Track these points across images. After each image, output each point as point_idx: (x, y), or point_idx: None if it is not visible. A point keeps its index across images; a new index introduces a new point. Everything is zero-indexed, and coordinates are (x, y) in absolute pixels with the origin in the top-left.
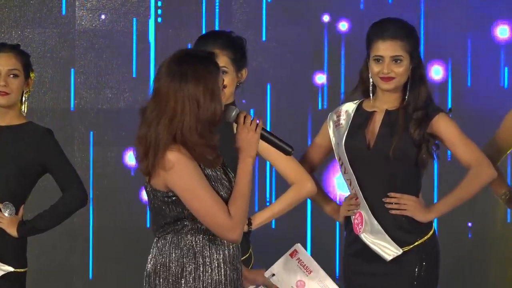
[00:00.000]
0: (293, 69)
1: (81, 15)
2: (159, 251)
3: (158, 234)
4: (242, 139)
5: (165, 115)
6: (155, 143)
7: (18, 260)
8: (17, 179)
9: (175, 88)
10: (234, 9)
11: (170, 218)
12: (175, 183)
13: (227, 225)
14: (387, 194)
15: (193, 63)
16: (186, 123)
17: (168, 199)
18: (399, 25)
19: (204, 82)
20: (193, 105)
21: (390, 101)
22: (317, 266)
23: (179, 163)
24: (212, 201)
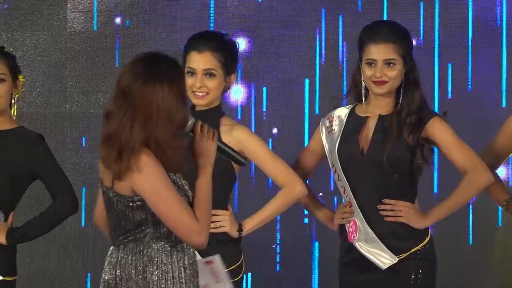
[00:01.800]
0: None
1: (73, 18)
2: (120, 262)
3: (118, 242)
4: (201, 148)
5: (140, 116)
6: (129, 145)
7: (7, 268)
8: (6, 185)
9: (150, 89)
10: (230, 11)
11: (133, 224)
12: (143, 186)
13: (194, 228)
14: (382, 201)
15: (165, 65)
16: (161, 125)
17: (133, 204)
18: (391, 28)
19: (177, 85)
20: (167, 107)
21: (383, 106)
22: (226, 279)
23: (148, 165)
24: (179, 204)
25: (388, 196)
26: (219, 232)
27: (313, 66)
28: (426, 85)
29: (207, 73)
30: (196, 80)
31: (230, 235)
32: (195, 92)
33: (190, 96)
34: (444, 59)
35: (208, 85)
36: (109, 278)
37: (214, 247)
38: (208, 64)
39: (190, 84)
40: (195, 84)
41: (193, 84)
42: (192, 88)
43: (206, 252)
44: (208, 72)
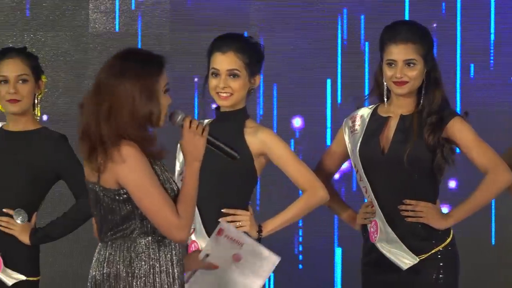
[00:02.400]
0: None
1: (95, 18)
2: (108, 258)
3: (106, 238)
4: (188, 143)
5: (105, 110)
6: (101, 139)
7: (31, 268)
8: (30, 186)
9: (113, 83)
10: (251, 11)
11: (120, 218)
12: (127, 178)
13: (175, 224)
14: (403, 201)
15: (134, 61)
16: (121, 118)
17: (119, 197)
18: (411, 28)
19: (142, 81)
20: (129, 102)
21: (405, 106)
22: (247, 238)
23: (132, 157)
24: (162, 198)
25: (409, 196)
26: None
27: (335, 67)
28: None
29: (231, 73)
30: (220, 81)
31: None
32: (219, 93)
33: (214, 97)
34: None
35: (232, 86)
36: (96, 275)
37: None
38: (231, 64)
39: (214, 85)
40: (219, 85)
41: (217, 85)
42: (216, 89)
43: None
44: (231, 73)
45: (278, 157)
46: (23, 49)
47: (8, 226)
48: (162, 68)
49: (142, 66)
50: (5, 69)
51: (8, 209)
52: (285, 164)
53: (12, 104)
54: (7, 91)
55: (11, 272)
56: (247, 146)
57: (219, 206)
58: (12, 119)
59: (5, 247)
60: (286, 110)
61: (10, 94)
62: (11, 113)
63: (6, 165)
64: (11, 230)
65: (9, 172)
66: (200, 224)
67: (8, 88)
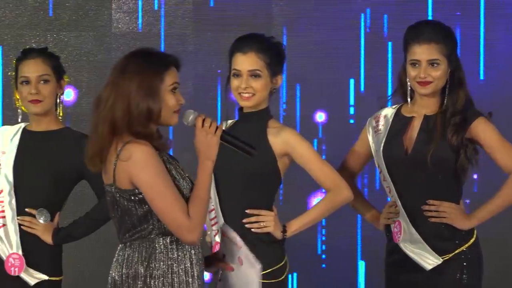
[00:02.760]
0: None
1: (118, 18)
2: (127, 259)
3: (125, 240)
4: (201, 142)
5: (105, 106)
6: (99, 135)
7: (53, 268)
8: (53, 186)
9: (115, 82)
10: (274, 11)
11: (137, 219)
12: (139, 177)
13: (185, 225)
14: (426, 201)
15: (137, 58)
16: (116, 114)
17: (135, 198)
18: (435, 28)
19: (140, 78)
20: (124, 98)
21: (429, 106)
22: (241, 242)
23: (144, 156)
24: (174, 199)
25: (432, 197)
26: (262, 232)
27: (358, 67)
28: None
29: (252, 74)
30: (242, 81)
31: (273, 236)
32: (241, 94)
33: (236, 97)
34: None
35: (254, 86)
36: (115, 275)
37: (256, 247)
38: (253, 65)
39: (236, 85)
40: (241, 85)
41: (238, 85)
42: (238, 90)
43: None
44: (253, 73)
45: (301, 157)
46: (44, 49)
47: (30, 226)
48: (169, 66)
49: (143, 62)
50: (26, 69)
51: (31, 208)
52: (309, 164)
53: (34, 104)
54: (29, 92)
55: (33, 272)
56: (270, 146)
57: (243, 207)
58: (35, 119)
59: (28, 246)
60: (309, 110)
61: (32, 95)
62: (34, 114)
63: (29, 165)
64: (34, 229)
65: (32, 172)
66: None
67: (29, 88)
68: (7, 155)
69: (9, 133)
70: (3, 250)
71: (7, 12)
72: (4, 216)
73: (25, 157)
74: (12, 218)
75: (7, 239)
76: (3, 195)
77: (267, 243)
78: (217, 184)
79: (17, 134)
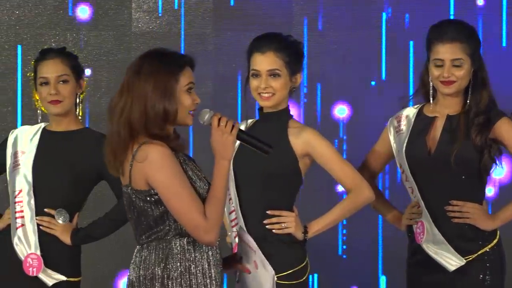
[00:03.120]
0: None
1: (138, 17)
2: (143, 261)
3: (142, 241)
4: (216, 141)
5: (120, 109)
6: (118, 137)
7: (72, 268)
8: (72, 186)
9: (128, 82)
10: (295, 10)
11: (153, 220)
12: (155, 177)
13: (202, 226)
14: (449, 202)
15: (152, 58)
16: (133, 116)
17: (151, 199)
18: (458, 27)
19: (156, 78)
20: (141, 99)
21: (451, 106)
22: (255, 246)
23: (160, 156)
24: (191, 200)
25: (455, 197)
26: (283, 233)
27: (380, 66)
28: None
29: (272, 73)
30: (261, 81)
31: (294, 237)
32: (261, 94)
33: (256, 98)
34: None
35: (273, 86)
36: (133, 277)
37: (277, 248)
38: (271, 64)
39: (255, 86)
40: (260, 85)
41: (258, 85)
42: (258, 90)
43: (270, 252)
44: (272, 73)
45: (322, 157)
46: (62, 49)
47: (49, 226)
48: (183, 67)
49: (158, 63)
50: (45, 70)
51: (50, 209)
52: (330, 164)
53: (54, 105)
54: (48, 92)
55: (51, 272)
56: (291, 147)
57: (263, 208)
58: (55, 119)
59: (46, 247)
60: (329, 109)
61: (51, 95)
62: (54, 114)
63: (48, 166)
64: (53, 230)
65: (52, 173)
66: (244, 227)
67: (49, 89)
68: (27, 155)
69: (29, 133)
70: (22, 250)
71: (27, 12)
72: (23, 216)
73: (45, 157)
74: (31, 218)
75: (25, 239)
76: (22, 195)
77: (288, 244)
78: (237, 185)
79: (37, 134)
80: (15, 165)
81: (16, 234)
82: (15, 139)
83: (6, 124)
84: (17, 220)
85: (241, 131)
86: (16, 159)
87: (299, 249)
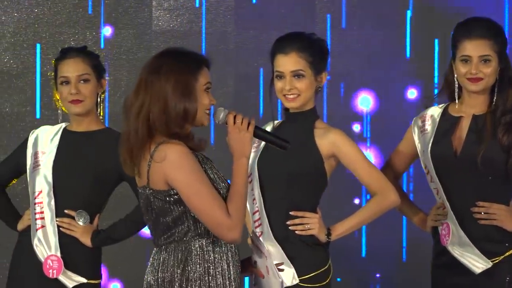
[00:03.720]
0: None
1: (158, 16)
2: (162, 264)
3: (160, 243)
4: (234, 139)
5: (137, 109)
6: (136, 136)
7: (92, 270)
8: (93, 187)
9: (147, 80)
10: (318, 7)
11: (172, 220)
12: (175, 176)
13: (226, 224)
14: (476, 203)
15: (171, 57)
16: (153, 115)
17: (170, 198)
18: (486, 24)
19: (176, 77)
20: (161, 98)
21: (477, 105)
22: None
23: (179, 155)
24: (213, 198)
25: (482, 198)
26: (307, 234)
27: (405, 66)
28: None
29: (296, 74)
30: (285, 82)
31: (317, 239)
32: (286, 96)
33: (281, 99)
34: None
35: (298, 87)
36: (150, 280)
37: (300, 249)
38: (295, 65)
39: (280, 87)
40: (285, 87)
41: (282, 87)
42: (283, 92)
43: (292, 255)
44: (296, 73)
45: (347, 159)
46: (83, 49)
47: (69, 228)
48: (201, 66)
49: (177, 62)
50: (65, 69)
51: (70, 210)
52: (355, 166)
53: (75, 105)
54: (69, 92)
55: (71, 274)
56: (317, 147)
57: (287, 209)
58: (76, 119)
59: (67, 249)
60: (353, 109)
61: (72, 95)
62: (74, 114)
63: (69, 166)
64: (73, 231)
65: (72, 173)
66: (268, 227)
67: (69, 89)
68: (47, 155)
69: (50, 133)
70: (42, 251)
71: (46, 10)
72: (43, 217)
73: (65, 157)
74: (51, 219)
75: (45, 241)
76: (42, 196)
77: (311, 245)
78: (261, 186)
79: (57, 134)
80: (35, 166)
81: (36, 236)
82: (35, 139)
83: (25, 124)
84: (37, 221)
85: (257, 128)
86: (36, 160)
87: (322, 252)
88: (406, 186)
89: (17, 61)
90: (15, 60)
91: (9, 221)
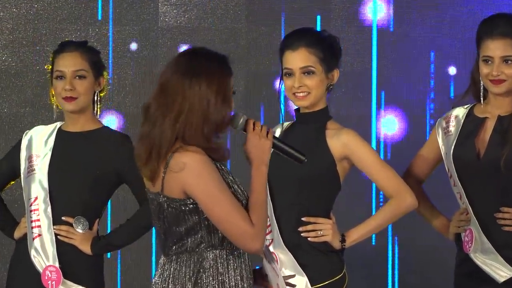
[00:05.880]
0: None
1: (165, 11)
2: (173, 275)
3: (171, 252)
4: (254, 146)
5: (172, 112)
6: (159, 142)
7: (94, 279)
8: (91, 190)
9: (186, 84)
10: (332, 5)
11: (185, 230)
12: (195, 186)
13: (250, 233)
14: (500, 208)
15: (207, 60)
16: (192, 122)
17: (186, 207)
18: (510, 22)
19: (218, 82)
20: (203, 105)
21: (503, 106)
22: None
23: (200, 164)
24: (235, 207)
25: (506, 204)
26: (320, 241)
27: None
28: None
29: (305, 71)
30: (295, 80)
31: (331, 246)
32: (295, 94)
33: (291, 98)
34: None
35: (308, 84)
36: None
37: (313, 257)
38: (304, 61)
39: (289, 85)
40: (294, 84)
41: (292, 85)
42: (292, 90)
43: (304, 263)
44: (305, 70)
45: (361, 160)
46: (83, 43)
47: (68, 236)
48: (231, 69)
49: (214, 65)
50: (61, 63)
51: (68, 217)
52: (369, 168)
53: (68, 102)
54: (63, 87)
55: (71, 284)
56: (329, 149)
57: (298, 214)
58: (70, 117)
59: (66, 257)
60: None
61: (66, 91)
62: (68, 112)
63: (65, 170)
64: (71, 239)
65: (69, 177)
66: (278, 235)
67: (64, 84)
68: (42, 159)
69: (44, 134)
70: (40, 262)
71: (46, 5)
72: (40, 225)
73: (61, 160)
74: (48, 227)
75: (43, 251)
76: (37, 202)
77: (325, 253)
78: (270, 190)
79: (52, 135)
80: (29, 170)
81: (33, 246)
82: (29, 141)
83: (24, 126)
84: (34, 230)
85: (275, 137)
86: (31, 164)
87: (336, 259)
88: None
89: (15, 59)
90: (14, 58)
91: (6, 229)
